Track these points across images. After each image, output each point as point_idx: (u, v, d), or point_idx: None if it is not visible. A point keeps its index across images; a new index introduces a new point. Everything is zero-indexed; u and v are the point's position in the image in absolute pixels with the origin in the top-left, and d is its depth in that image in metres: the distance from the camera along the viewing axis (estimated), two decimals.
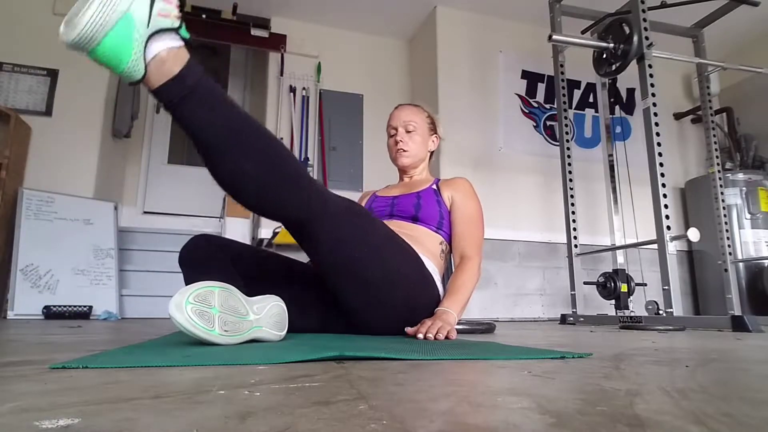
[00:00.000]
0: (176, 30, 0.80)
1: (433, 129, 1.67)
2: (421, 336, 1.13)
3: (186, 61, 0.81)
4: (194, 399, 0.42)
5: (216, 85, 0.87)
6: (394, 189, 1.65)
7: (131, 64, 0.75)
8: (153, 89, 0.80)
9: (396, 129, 1.62)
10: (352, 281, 1.14)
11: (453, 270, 1.46)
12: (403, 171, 1.67)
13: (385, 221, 1.48)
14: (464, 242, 1.46)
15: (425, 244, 1.41)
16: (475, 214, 1.50)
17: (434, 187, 1.55)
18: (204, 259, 1.17)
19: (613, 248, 2.80)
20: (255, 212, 1.05)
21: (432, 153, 1.69)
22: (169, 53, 0.79)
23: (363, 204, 1.67)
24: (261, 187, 0.92)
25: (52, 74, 3.22)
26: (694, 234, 2.13)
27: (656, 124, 2.29)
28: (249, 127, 0.89)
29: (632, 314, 2.52)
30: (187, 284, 1.12)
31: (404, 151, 1.59)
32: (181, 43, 0.82)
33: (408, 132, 1.60)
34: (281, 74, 3.80)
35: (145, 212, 3.93)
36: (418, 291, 1.27)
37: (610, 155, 2.92)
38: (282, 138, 3.70)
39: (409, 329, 1.19)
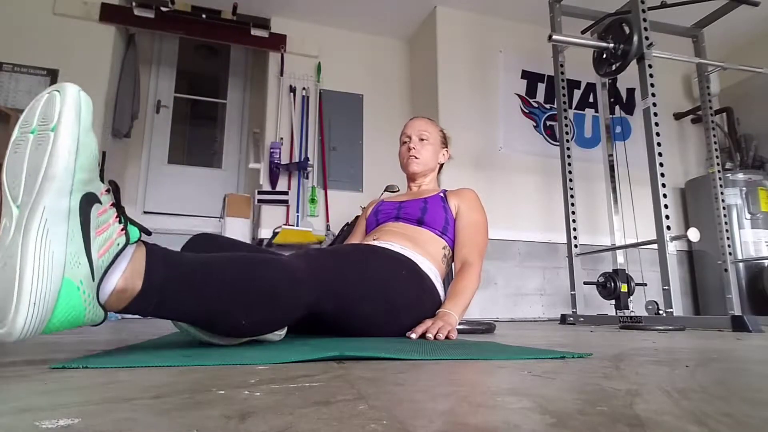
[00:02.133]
0: (125, 245, 0.70)
1: (445, 144, 1.72)
2: (415, 336, 1.14)
3: (144, 271, 0.71)
4: (194, 399, 0.42)
5: (179, 262, 0.78)
6: (401, 197, 1.68)
7: (88, 317, 0.64)
8: (120, 311, 0.72)
9: (410, 137, 1.65)
10: (358, 324, 1.15)
11: (453, 276, 1.47)
12: (411, 179, 1.69)
13: (391, 223, 1.50)
14: (467, 249, 1.48)
15: (428, 247, 1.42)
16: (479, 224, 1.53)
17: (441, 195, 1.58)
18: None
19: (613, 248, 2.80)
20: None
21: (441, 166, 1.73)
22: (126, 279, 0.70)
23: (369, 210, 1.69)
24: (266, 324, 0.91)
25: (52, 74, 3.22)
26: (694, 234, 2.13)
27: (656, 124, 2.29)
28: (229, 284, 0.82)
29: (632, 314, 2.52)
30: None
31: (416, 158, 1.62)
32: (133, 249, 0.72)
33: (421, 141, 1.64)
34: (281, 74, 3.80)
35: (145, 212, 3.93)
36: (421, 307, 1.29)
37: (610, 155, 2.92)
38: (282, 138, 3.70)
39: (412, 335, 1.20)
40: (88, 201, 0.65)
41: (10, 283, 0.56)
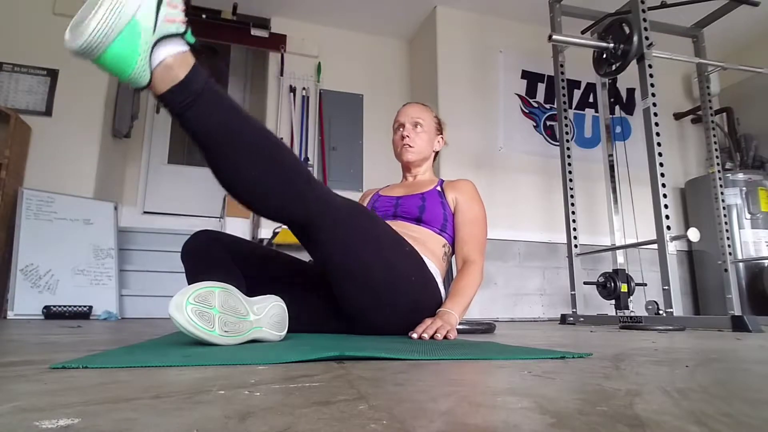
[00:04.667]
0: (182, 35, 0.80)
1: (440, 130, 1.67)
2: (416, 336, 1.13)
3: (191, 67, 0.81)
4: (194, 399, 0.42)
5: (220, 89, 0.87)
6: (397, 189, 1.64)
7: (137, 70, 0.75)
8: (158, 95, 0.80)
9: (403, 125, 1.61)
10: (356, 284, 1.14)
11: (454, 272, 1.46)
12: (406, 168, 1.66)
13: (389, 222, 1.48)
14: (467, 246, 1.46)
15: (428, 245, 1.41)
16: (478, 218, 1.50)
17: (438, 188, 1.55)
18: (206, 255, 1.17)
19: (613, 248, 2.80)
20: (257, 214, 1.05)
21: (436, 154, 1.69)
22: (175, 59, 0.79)
23: (365, 203, 1.67)
24: (262, 190, 0.92)
25: (52, 74, 3.22)
26: (694, 234, 2.13)
27: (656, 124, 2.28)
28: (251, 131, 0.89)
29: (632, 314, 2.51)
30: (188, 279, 1.13)
31: (410, 146, 1.58)
32: (187, 47, 0.81)
33: (415, 128, 1.59)
34: (281, 74, 3.80)
35: (145, 212, 3.93)
36: (421, 293, 1.27)
37: (610, 155, 2.92)
38: (282, 138, 3.69)
39: (413, 335, 1.19)
40: None
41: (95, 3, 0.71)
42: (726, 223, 3.05)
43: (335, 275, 1.15)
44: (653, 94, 2.32)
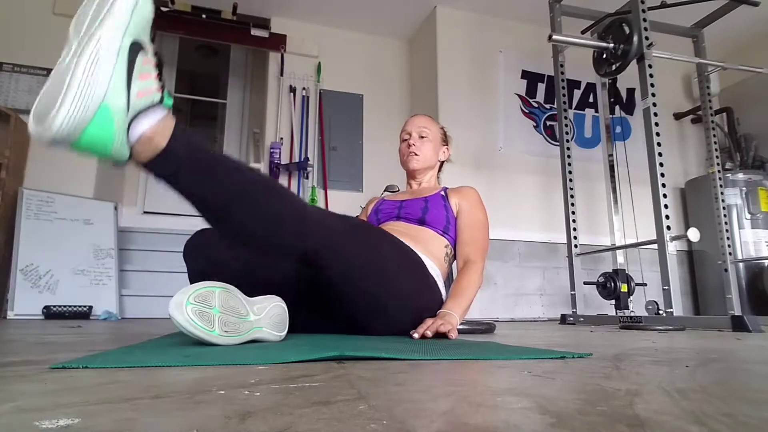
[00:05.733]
0: (159, 102, 0.77)
1: (445, 141, 1.72)
2: (417, 336, 1.13)
3: (171, 133, 0.78)
4: (194, 399, 0.42)
5: (204, 146, 0.84)
6: (402, 195, 1.67)
7: (115, 150, 0.71)
8: (141, 164, 0.77)
9: (410, 134, 1.66)
10: (361, 309, 1.15)
11: (455, 275, 1.47)
12: (411, 176, 1.68)
13: (391, 222, 1.49)
14: (469, 248, 1.47)
15: (430, 246, 1.42)
16: (481, 222, 1.52)
17: (442, 193, 1.58)
18: (208, 253, 1.17)
19: (613, 248, 2.80)
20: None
21: (442, 164, 1.73)
22: (154, 130, 0.75)
23: (369, 208, 1.69)
24: (263, 241, 0.94)
25: None
26: (694, 234, 2.13)
27: (656, 124, 2.29)
28: (242, 184, 0.87)
29: (632, 314, 2.51)
30: (190, 278, 1.13)
31: (416, 154, 1.62)
32: (165, 112, 0.78)
33: (421, 138, 1.64)
34: (281, 74, 3.80)
35: (145, 212, 3.93)
36: (422, 299, 1.28)
37: (610, 155, 2.92)
38: (282, 138, 3.69)
39: (414, 334, 1.19)
40: (137, 48, 0.74)
41: (60, 87, 0.66)
42: (726, 223, 3.05)
43: (336, 296, 1.15)
44: (653, 94, 2.32)
